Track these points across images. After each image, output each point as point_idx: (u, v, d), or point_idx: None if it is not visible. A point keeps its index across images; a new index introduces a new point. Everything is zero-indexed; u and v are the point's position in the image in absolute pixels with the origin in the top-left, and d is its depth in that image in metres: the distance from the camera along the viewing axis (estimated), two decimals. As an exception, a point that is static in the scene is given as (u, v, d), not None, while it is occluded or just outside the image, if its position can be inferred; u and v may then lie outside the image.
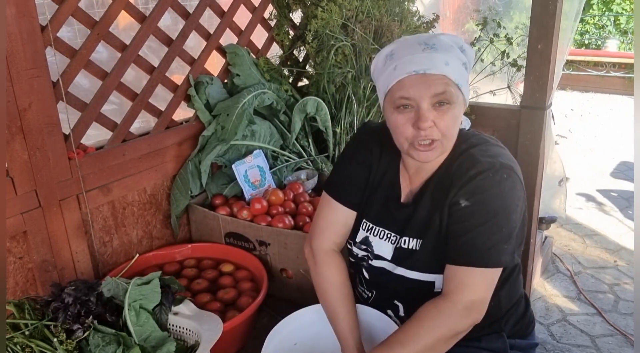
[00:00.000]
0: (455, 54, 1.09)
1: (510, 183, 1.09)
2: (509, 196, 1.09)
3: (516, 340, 1.30)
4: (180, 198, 1.90)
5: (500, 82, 2.15)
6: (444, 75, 1.06)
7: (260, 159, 2.02)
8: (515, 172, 1.12)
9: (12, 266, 1.46)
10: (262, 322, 1.66)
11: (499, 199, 1.08)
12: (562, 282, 2.81)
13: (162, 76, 1.83)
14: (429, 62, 1.06)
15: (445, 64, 1.06)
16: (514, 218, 1.10)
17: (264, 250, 1.77)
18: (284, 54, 2.31)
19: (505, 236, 1.09)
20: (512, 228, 1.10)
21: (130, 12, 1.70)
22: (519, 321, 1.31)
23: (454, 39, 1.13)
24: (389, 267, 1.23)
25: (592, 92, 7.30)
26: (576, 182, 4.15)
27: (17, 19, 1.34)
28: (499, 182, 1.08)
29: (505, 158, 1.12)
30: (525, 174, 1.99)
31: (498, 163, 1.09)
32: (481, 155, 1.12)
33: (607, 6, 8.24)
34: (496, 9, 2.57)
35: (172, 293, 1.30)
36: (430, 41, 1.09)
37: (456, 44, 1.12)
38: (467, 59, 1.13)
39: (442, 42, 1.09)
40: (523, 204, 1.15)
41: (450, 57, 1.08)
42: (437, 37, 1.11)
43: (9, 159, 1.39)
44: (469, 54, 1.14)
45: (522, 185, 1.14)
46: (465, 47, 1.14)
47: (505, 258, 1.10)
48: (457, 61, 1.09)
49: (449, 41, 1.11)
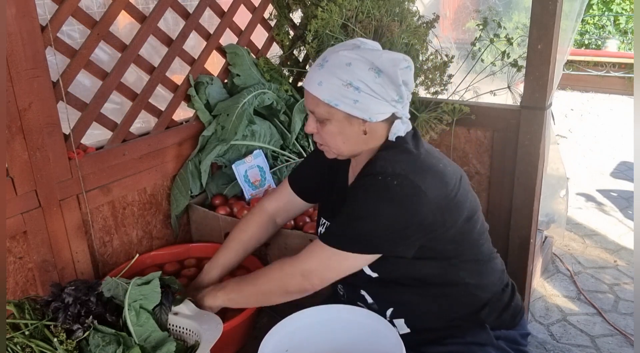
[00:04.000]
0: (340, 74, 1.14)
1: (399, 188, 1.13)
2: (392, 200, 1.14)
3: (502, 331, 1.31)
4: (180, 198, 1.90)
5: (500, 82, 2.15)
6: (314, 95, 1.18)
7: (260, 159, 2.02)
8: (415, 183, 1.13)
9: (12, 266, 1.46)
10: (262, 322, 1.66)
11: (377, 200, 1.15)
12: (562, 282, 2.81)
13: (162, 76, 1.83)
14: (309, 80, 1.20)
15: (318, 84, 1.17)
16: (386, 221, 1.15)
17: (264, 250, 1.77)
18: (284, 54, 2.31)
19: (365, 231, 1.16)
20: (382, 230, 1.16)
21: (130, 12, 1.71)
22: (503, 312, 1.32)
23: (359, 57, 1.15)
24: None
25: (592, 92, 7.30)
26: (576, 182, 4.15)
27: (17, 19, 1.34)
28: (385, 187, 1.14)
29: (406, 166, 1.16)
30: (525, 174, 2.02)
31: (391, 171, 1.15)
32: (383, 159, 1.19)
33: (607, 6, 8.23)
34: (496, 9, 2.56)
35: (172, 293, 1.30)
36: (327, 57, 1.18)
37: (365, 63, 1.15)
38: (363, 79, 1.14)
39: (335, 61, 1.16)
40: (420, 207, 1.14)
41: (329, 77, 1.15)
42: (335, 54, 1.17)
43: (9, 159, 1.39)
44: (387, 72, 1.15)
45: (421, 194, 1.13)
46: (379, 65, 1.15)
47: (357, 248, 1.18)
48: (335, 81, 1.15)
49: (346, 60, 1.15)
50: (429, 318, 1.29)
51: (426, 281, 1.26)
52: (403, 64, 1.17)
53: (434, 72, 2.16)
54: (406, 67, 1.17)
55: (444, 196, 1.16)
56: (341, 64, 1.15)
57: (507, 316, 1.33)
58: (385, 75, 1.15)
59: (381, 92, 1.16)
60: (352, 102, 1.16)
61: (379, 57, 1.15)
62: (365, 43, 1.22)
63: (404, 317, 1.30)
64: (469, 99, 2.20)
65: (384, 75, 1.15)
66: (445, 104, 2.10)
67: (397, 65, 1.15)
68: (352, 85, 1.14)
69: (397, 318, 1.30)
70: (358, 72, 1.14)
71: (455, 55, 2.24)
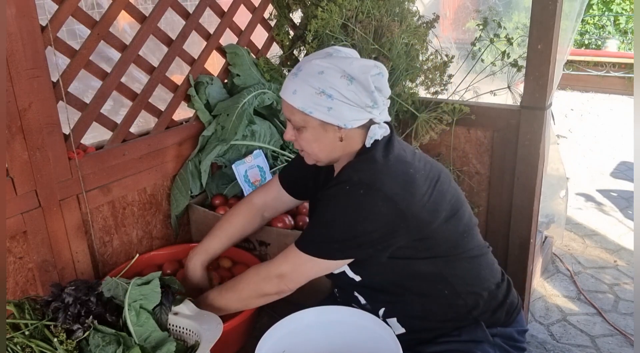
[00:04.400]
0: (312, 82, 1.17)
1: (364, 198, 1.15)
2: (357, 209, 1.16)
3: (497, 328, 1.31)
4: (180, 198, 1.90)
5: (500, 82, 2.15)
6: (289, 103, 1.22)
7: (260, 159, 2.02)
8: (381, 191, 1.15)
9: (12, 266, 1.46)
10: (262, 322, 1.66)
11: (343, 209, 1.18)
12: (562, 282, 2.81)
13: (162, 76, 1.83)
14: (284, 89, 1.23)
15: (293, 92, 1.20)
16: (353, 229, 1.17)
17: (264, 250, 1.77)
18: (284, 54, 2.31)
19: (333, 238, 1.20)
20: (349, 237, 1.18)
21: (130, 12, 1.70)
22: (497, 309, 1.32)
23: (331, 65, 1.18)
24: None
25: (592, 92, 7.30)
26: (576, 182, 4.15)
27: (17, 19, 1.34)
28: (351, 196, 1.17)
29: (371, 175, 1.18)
30: (525, 174, 2.02)
31: (358, 180, 1.17)
32: (352, 168, 1.22)
33: (607, 6, 8.23)
34: (496, 9, 2.56)
35: (172, 293, 1.30)
36: (301, 66, 1.21)
37: (336, 71, 1.17)
38: (335, 86, 1.17)
39: (308, 69, 1.19)
40: (384, 218, 1.16)
41: (302, 85, 1.18)
42: (309, 63, 1.20)
43: (9, 159, 1.39)
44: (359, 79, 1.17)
45: (388, 202, 1.15)
46: (350, 73, 1.17)
47: (325, 254, 1.21)
48: (309, 89, 1.18)
49: (318, 68, 1.18)
50: (420, 317, 1.30)
51: (410, 281, 1.27)
52: (374, 71, 1.19)
53: (434, 72, 2.16)
54: (377, 73, 1.20)
55: (412, 202, 1.18)
56: (314, 72, 1.18)
57: (502, 313, 1.33)
58: (357, 82, 1.17)
59: (354, 98, 1.18)
60: (325, 109, 1.18)
61: (349, 64, 1.18)
62: (339, 51, 1.24)
63: (396, 316, 1.31)
64: (469, 99, 2.20)
65: (356, 82, 1.17)
66: (445, 104, 2.10)
67: (368, 72, 1.18)
68: (325, 93, 1.17)
69: (390, 318, 1.31)
70: (330, 79, 1.17)
71: (455, 55, 2.24)
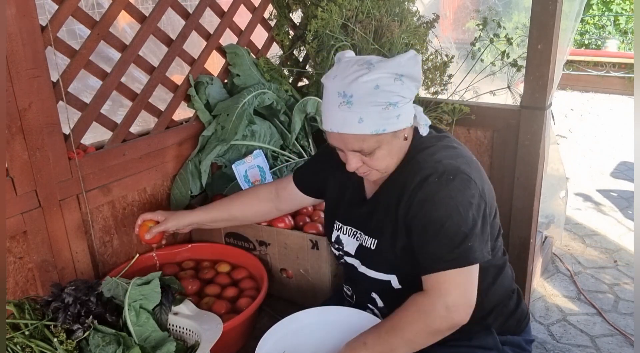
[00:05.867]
0: (374, 101, 1.10)
1: (457, 183, 1.12)
2: (459, 196, 1.12)
3: (507, 337, 1.31)
4: (180, 199, 1.90)
5: (500, 82, 2.15)
6: (357, 134, 1.12)
7: (260, 159, 2.02)
8: (463, 171, 1.14)
9: (12, 266, 1.46)
10: (262, 322, 1.66)
11: (448, 201, 1.12)
12: (562, 282, 2.81)
13: (162, 76, 1.83)
14: (343, 122, 1.12)
15: (359, 121, 1.10)
16: (472, 215, 1.12)
17: (264, 250, 1.77)
18: (284, 54, 2.31)
19: (463, 234, 1.11)
20: (472, 225, 1.12)
21: (130, 12, 1.70)
22: (509, 317, 1.32)
23: (381, 74, 1.10)
24: (355, 263, 1.32)
25: (592, 92, 7.30)
26: (576, 182, 4.15)
27: (17, 19, 1.34)
28: (445, 185, 1.12)
29: (451, 159, 1.16)
30: (525, 174, 2.02)
31: (441, 166, 1.13)
32: (425, 160, 1.17)
33: (607, 6, 8.23)
34: (496, 9, 2.57)
35: (172, 293, 1.30)
36: (348, 91, 1.10)
37: (389, 77, 1.10)
38: (395, 91, 1.11)
39: (360, 91, 1.09)
40: (480, 200, 1.15)
41: (365, 109, 1.10)
42: (355, 84, 1.10)
43: (9, 159, 1.39)
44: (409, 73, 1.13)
45: (474, 182, 1.15)
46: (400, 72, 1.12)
47: (475, 255, 1.12)
48: (374, 109, 1.10)
49: (371, 84, 1.09)
50: None
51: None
52: (416, 58, 1.15)
53: (433, 72, 2.16)
54: (416, 57, 1.16)
55: (484, 188, 1.18)
56: (369, 90, 1.10)
57: (514, 321, 1.33)
58: (406, 78, 1.13)
59: (410, 93, 1.15)
60: (395, 119, 1.13)
61: (396, 64, 1.12)
62: (367, 57, 1.16)
63: None
64: (469, 99, 2.20)
65: (405, 78, 1.13)
66: (445, 104, 2.10)
67: (414, 63, 1.14)
68: (390, 104, 1.11)
69: None
70: (388, 88, 1.11)
71: (455, 55, 2.24)
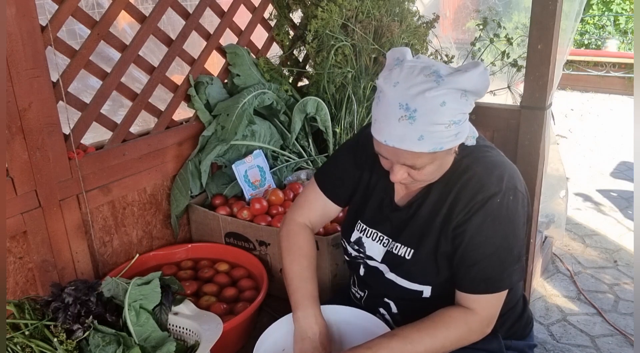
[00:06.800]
0: (439, 119, 1.01)
1: (515, 203, 1.11)
2: (515, 217, 1.12)
3: (512, 341, 1.31)
4: (180, 198, 1.90)
5: (500, 82, 2.15)
6: (414, 152, 1.04)
7: (260, 159, 2.02)
8: (519, 190, 1.13)
9: (12, 266, 1.46)
10: (262, 322, 1.66)
11: (507, 224, 1.11)
12: (562, 282, 2.81)
13: (162, 76, 1.83)
14: (401, 138, 1.02)
15: (419, 139, 1.01)
16: (521, 236, 1.13)
17: (264, 250, 1.77)
18: (284, 54, 2.31)
19: (515, 257, 1.12)
20: (521, 246, 1.13)
21: (130, 12, 1.70)
22: (515, 322, 1.33)
23: (448, 90, 1.00)
24: (382, 268, 1.25)
25: (592, 92, 7.29)
26: (576, 182, 4.15)
27: (17, 19, 1.34)
28: (506, 207, 1.10)
29: (508, 175, 1.13)
30: (525, 174, 2.00)
31: (504, 186, 1.10)
32: (487, 176, 1.12)
33: (607, 6, 8.23)
34: (496, 9, 2.56)
35: (172, 293, 1.30)
36: (412, 105, 1.00)
37: (456, 93, 1.01)
38: (459, 109, 1.04)
39: (426, 107, 1.00)
40: (525, 218, 1.16)
41: (429, 127, 1.01)
42: (422, 98, 0.99)
43: (9, 159, 1.39)
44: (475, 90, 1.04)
45: (524, 199, 1.15)
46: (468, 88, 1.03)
47: (516, 277, 1.13)
48: (438, 128, 1.01)
49: (438, 100, 1.00)
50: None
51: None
52: (487, 72, 1.06)
53: (434, 72, 2.15)
54: (486, 71, 1.06)
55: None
56: (435, 106, 1.00)
57: (519, 327, 1.33)
58: (470, 93, 1.05)
59: (469, 109, 1.08)
60: (454, 137, 1.06)
61: (466, 80, 1.01)
62: (434, 65, 1.04)
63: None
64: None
65: (470, 94, 1.05)
66: (445, 104, 2.09)
67: (487, 78, 1.05)
68: (454, 123, 1.03)
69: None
70: (454, 106, 1.02)
71: (455, 55, 2.24)
